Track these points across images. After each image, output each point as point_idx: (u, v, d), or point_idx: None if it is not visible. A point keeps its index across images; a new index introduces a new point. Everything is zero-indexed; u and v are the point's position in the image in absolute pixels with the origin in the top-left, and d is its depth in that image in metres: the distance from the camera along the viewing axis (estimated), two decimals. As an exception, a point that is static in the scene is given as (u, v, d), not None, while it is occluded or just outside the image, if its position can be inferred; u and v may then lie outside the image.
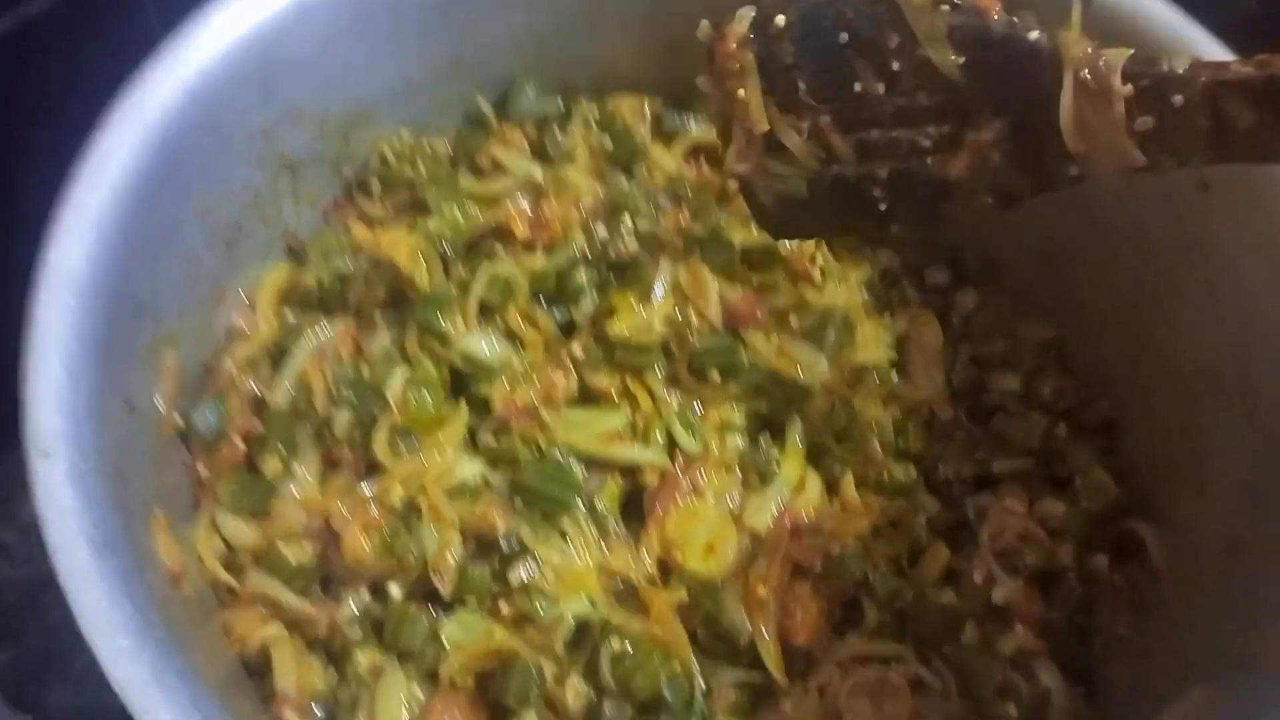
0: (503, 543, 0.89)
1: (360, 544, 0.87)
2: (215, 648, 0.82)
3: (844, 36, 0.78)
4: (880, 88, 0.78)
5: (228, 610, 0.86)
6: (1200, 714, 0.78)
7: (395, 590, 0.88)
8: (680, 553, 0.91)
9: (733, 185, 0.95)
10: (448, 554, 0.88)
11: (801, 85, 0.81)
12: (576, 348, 0.98)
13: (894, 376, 1.04)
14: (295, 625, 0.86)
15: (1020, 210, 1.06)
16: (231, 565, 0.88)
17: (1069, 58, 0.71)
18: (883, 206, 0.83)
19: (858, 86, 0.79)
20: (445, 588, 0.87)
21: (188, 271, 0.92)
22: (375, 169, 1.09)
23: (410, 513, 0.89)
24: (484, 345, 0.97)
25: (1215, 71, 0.67)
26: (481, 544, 0.90)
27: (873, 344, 1.04)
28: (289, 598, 0.85)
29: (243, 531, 0.89)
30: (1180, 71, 0.68)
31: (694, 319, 1.00)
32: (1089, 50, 0.71)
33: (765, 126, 0.83)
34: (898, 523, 0.97)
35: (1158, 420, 1.01)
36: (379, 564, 0.87)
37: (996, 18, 0.74)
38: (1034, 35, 0.73)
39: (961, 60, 0.75)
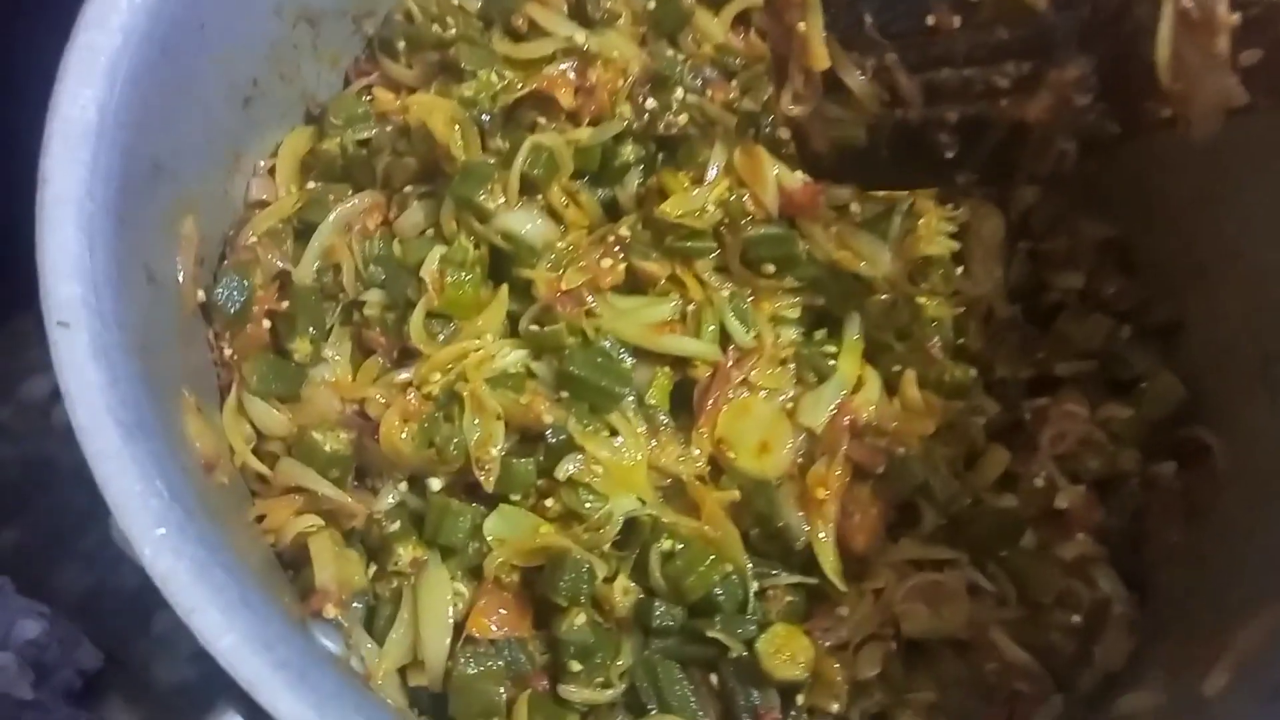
0: (549, 436, 0.83)
1: (397, 433, 0.81)
2: (250, 539, 0.77)
3: None
4: (956, 20, 0.71)
5: (260, 500, 0.80)
6: (1273, 635, 0.75)
7: (435, 484, 0.83)
8: (733, 451, 0.86)
9: (784, 133, 0.88)
10: (490, 446, 0.82)
11: (868, 18, 0.73)
12: (624, 230, 0.91)
13: (956, 271, 0.98)
14: (332, 517, 0.81)
15: None
16: (262, 452, 0.82)
17: None
18: (949, 155, 0.76)
19: (930, 19, 0.71)
20: (488, 481, 0.82)
21: (205, 130, 0.84)
22: (400, 26, 1.00)
23: (450, 401, 0.83)
24: (527, 223, 0.89)
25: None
26: (526, 436, 0.84)
27: (936, 235, 0.97)
28: (325, 487, 0.80)
29: (272, 417, 0.83)
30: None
31: (749, 205, 0.92)
32: None
33: (826, 64, 0.75)
34: (955, 425, 0.93)
35: (1226, 323, 0.96)
36: (418, 455, 0.82)
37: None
38: (1130, -42, 0.65)
39: None
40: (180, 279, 0.79)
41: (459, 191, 0.89)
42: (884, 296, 0.93)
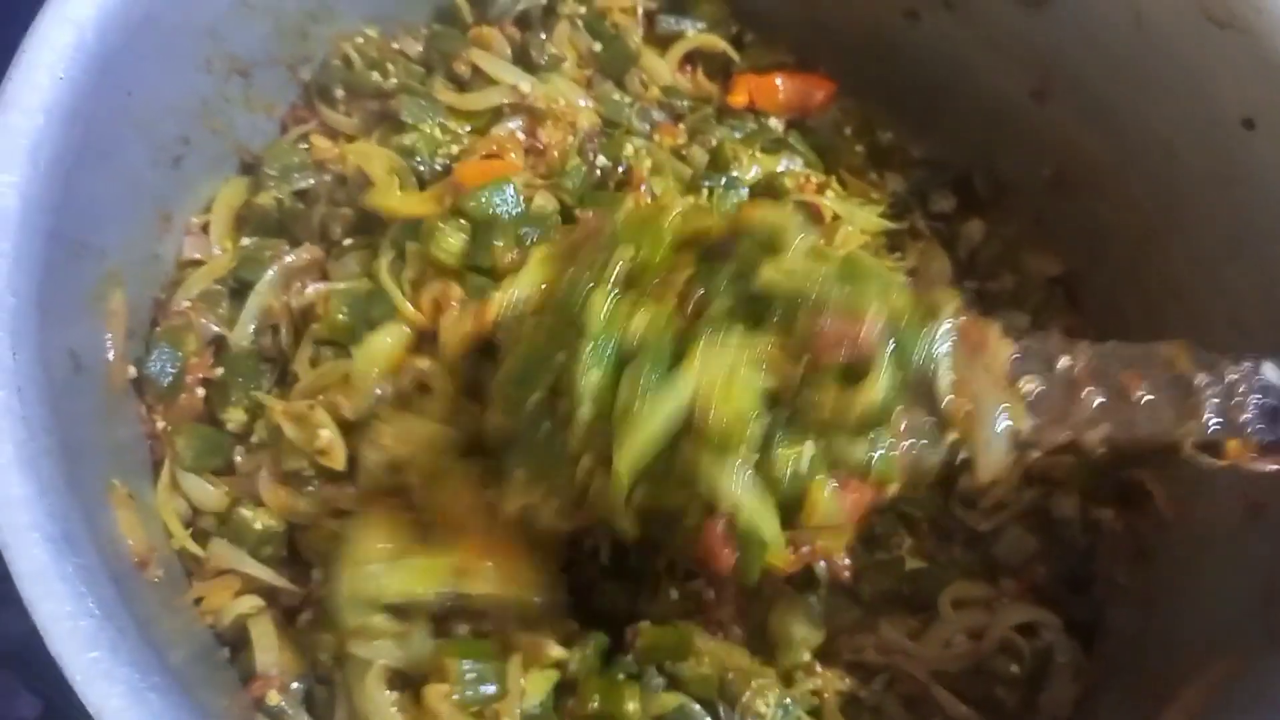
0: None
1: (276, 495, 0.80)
2: (186, 623, 0.75)
3: None
4: None
5: (197, 581, 0.78)
6: (1221, 690, 0.76)
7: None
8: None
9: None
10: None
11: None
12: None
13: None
14: (272, 595, 0.79)
15: (1039, 131, 1.03)
16: (197, 529, 0.80)
17: None
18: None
19: None
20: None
21: (132, 197, 0.81)
22: (338, 72, 0.97)
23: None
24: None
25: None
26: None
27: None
28: (257, 569, 0.78)
29: (206, 493, 0.81)
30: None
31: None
32: None
33: None
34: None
35: (1172, 365, 0.97)
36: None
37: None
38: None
39: None
40: (110, 358, 0.76)
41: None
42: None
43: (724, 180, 0.94)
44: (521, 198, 0.86)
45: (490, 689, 0.72)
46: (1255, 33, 0.83)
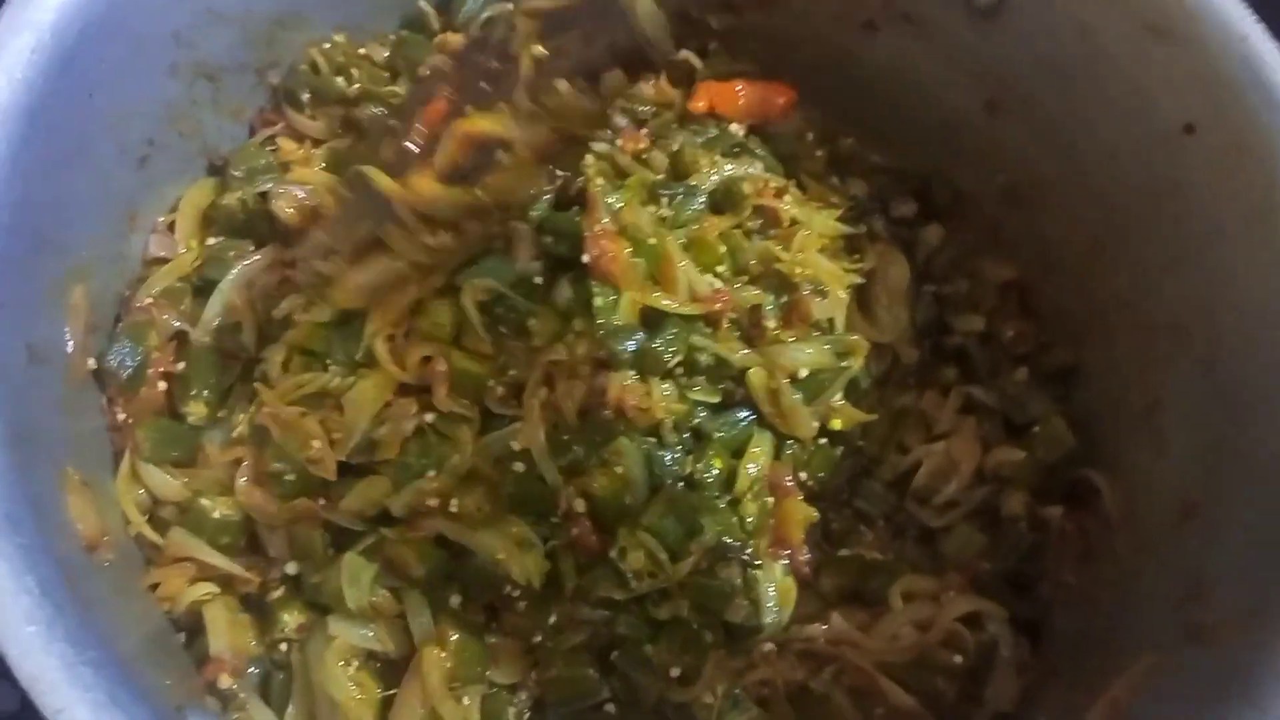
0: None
1: (250, 493, 0.82)
2: (141, 609, 0.77)
3: None
4: None
5: (154, 568, 0.80)
6: (1145, 684, 0.78)
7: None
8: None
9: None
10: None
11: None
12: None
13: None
14: (227, 582, 0.82)
15: (993, 142, 1.05)
16: (155, 519, 0.82)
17: None
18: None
19: None
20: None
21: (97, 196, 0.84)
22: (305, 77, 1.00)
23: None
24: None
25: None
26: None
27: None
28: (214, 558, 0.80)
29: (166, 484, 0.83)
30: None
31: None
32: None
33: None
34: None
35: (1118, 369, 0.99)
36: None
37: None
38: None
39: None
40: (69, 350, 0.78)
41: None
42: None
43: (682, 190, 0.96)
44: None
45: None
46: (1192, 41, 0.85)
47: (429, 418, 0.82)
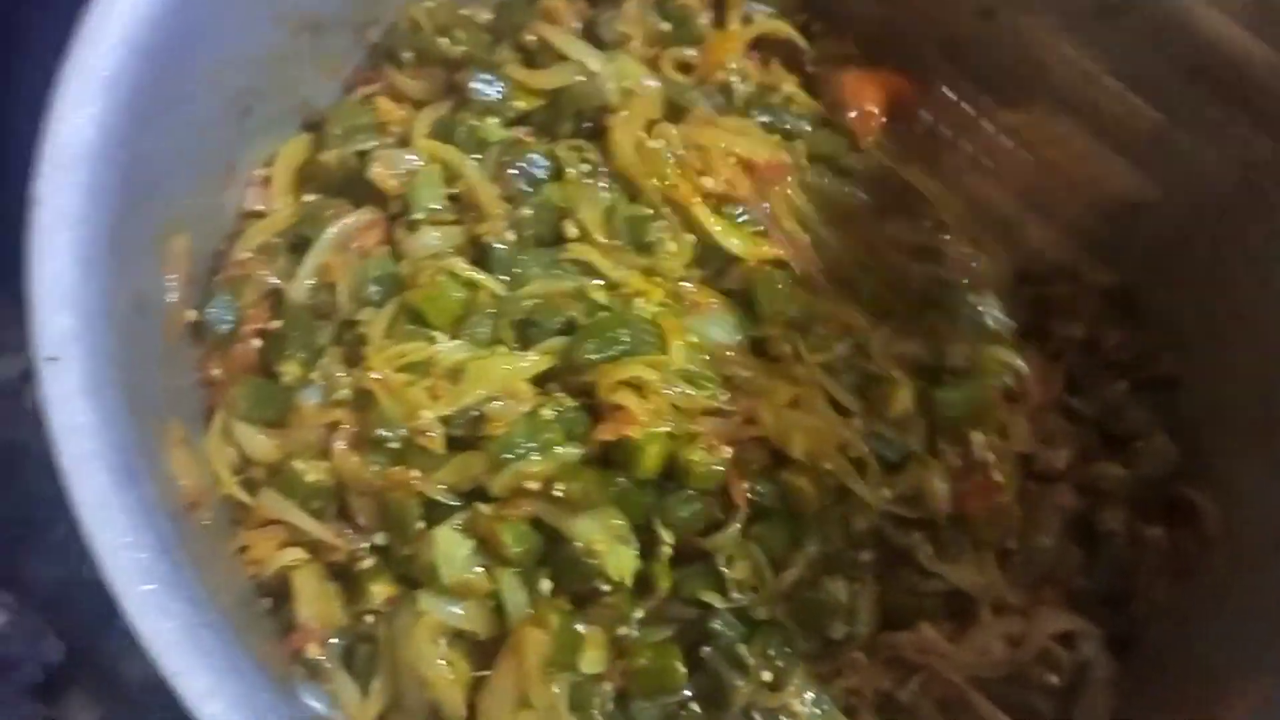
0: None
1: (346, 459, 0.79)
2: (230, 571, 0.75)
3: None
4: None
5: (244, 530, 0.78)
6: (1260, 711, 0.75)
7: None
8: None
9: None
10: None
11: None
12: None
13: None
14: (316, 550, 0.79)
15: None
16: (246, 478, 0.80)
17: None
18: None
19: None
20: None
21: (200, 143, 0.81)
22: (406, 36, 0.97)
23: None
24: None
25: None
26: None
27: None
28: (305, 522, 0.78)
29: (259, 443, 0.80)
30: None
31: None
32: None
33: None
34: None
35: (1231, 383, 0.95)
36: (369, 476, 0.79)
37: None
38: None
39: None
40: (170, 300, 0.76)
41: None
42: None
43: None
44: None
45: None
46: None
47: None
